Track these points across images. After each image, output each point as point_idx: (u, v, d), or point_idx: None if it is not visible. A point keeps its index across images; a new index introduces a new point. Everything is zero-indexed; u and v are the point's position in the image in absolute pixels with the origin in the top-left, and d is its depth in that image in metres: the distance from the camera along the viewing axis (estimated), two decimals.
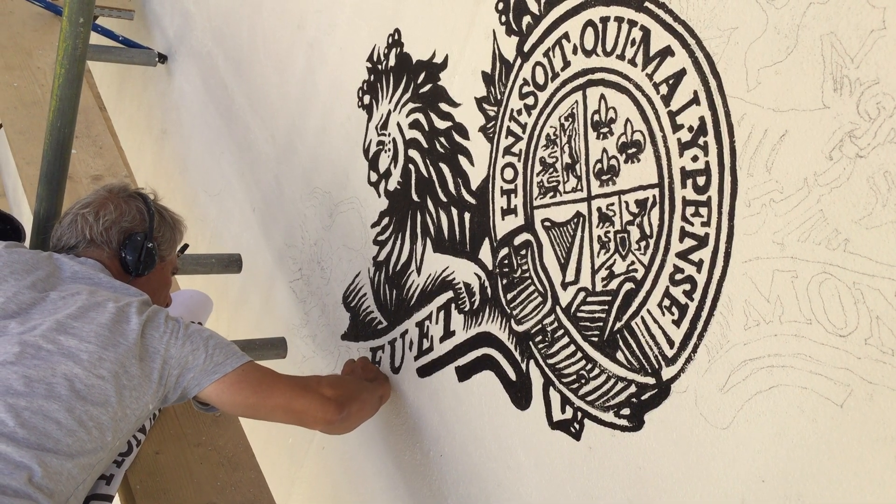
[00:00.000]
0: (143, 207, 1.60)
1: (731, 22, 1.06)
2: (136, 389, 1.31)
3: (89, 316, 1.32)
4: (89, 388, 1.26)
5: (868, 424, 0.90)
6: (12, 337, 1.28)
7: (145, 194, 1.65)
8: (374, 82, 1.84)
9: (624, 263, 1.22)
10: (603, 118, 1.26)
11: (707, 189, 1.09)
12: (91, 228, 1.53)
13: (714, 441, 1.08)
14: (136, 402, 1.31)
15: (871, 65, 0.90)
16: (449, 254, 1.61)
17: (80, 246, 1.53)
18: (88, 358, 1.27)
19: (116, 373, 1.29)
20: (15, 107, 2.59)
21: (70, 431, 1.22)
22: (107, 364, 1.28)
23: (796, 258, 0.98)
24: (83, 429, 1.24)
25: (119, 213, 1.56)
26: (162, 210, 1.66)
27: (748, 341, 1.04)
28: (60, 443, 1.21)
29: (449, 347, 1.60)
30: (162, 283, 1.65)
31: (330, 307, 2.03)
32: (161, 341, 1.35)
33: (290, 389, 1.45)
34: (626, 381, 1.22)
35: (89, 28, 1.61)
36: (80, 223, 1.54)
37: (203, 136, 2.78)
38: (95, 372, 1.27)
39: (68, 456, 1.21)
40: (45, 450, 1.19)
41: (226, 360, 1.40)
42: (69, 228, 1.55)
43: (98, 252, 1.52)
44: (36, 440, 1.19)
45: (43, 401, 1.22)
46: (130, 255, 1.53)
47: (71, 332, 1.29)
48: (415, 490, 1.72)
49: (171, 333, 1.37)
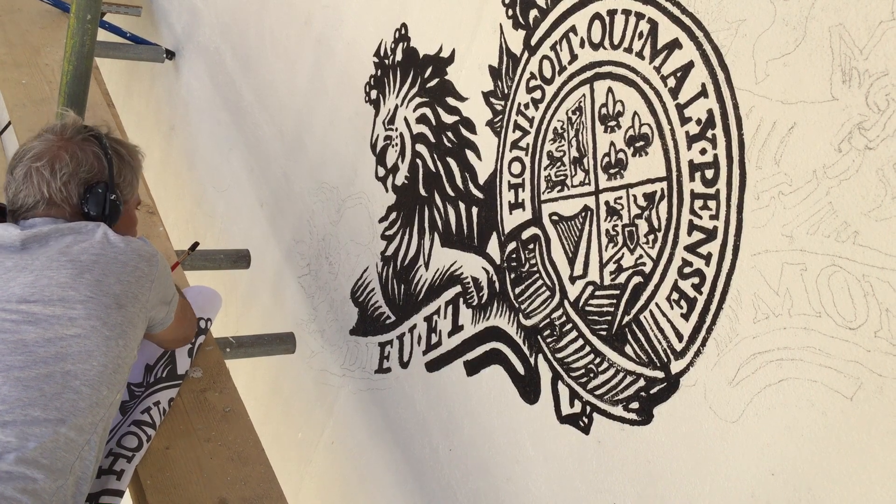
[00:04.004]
0: (101, 151, 1.46)
1: (738, 14, 1.06)
2: (122, 337, 1.29)
3: (47, 277, 1.26)
4: (68, 349, 1.22)
5: (878, 417, 0.90)
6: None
7: (99, 133, 1.50)
8: (381, 77, 1.84)
9: (632, 257, 1.22)
10: (610, 111, 1.25)
11: (715, 182, 1.09)
12: (49, 185, 1.40)
13: (723, 434, 1.08)
14: (126, 347, 1.30)
15: (880, 56, 0.90)
16: (457, 248, 1.61)
17: (39, 206, 1.41)
18: (57, 322, 1.23)
19: (93, 327, 1.25)
20: (23, 104, 2.59)
21: (55, 395, 1.18)
22: (80, 321, 1.24)
23: (805, 251, 0.98)
24: (69, 389, 1.20)
25: (76, 163, 1.43)
26: (118, 148, 1.51)
27: (757, 334, 1.03)
28: (47, 408, 1.17)
29: (457, 342, 1.60)
30: (129, 226, 1.57)
31: (338, 302, 2.03)
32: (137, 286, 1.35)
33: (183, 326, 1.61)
34: (635, 374, 1.21)
35: (97, 25, 1.62)
36: (35, 179, 1.41)
37: (211, 132, 2.78)
38: (69, 332, 1.23)
39: (59, 421, 1.17)
40: (30, 421, 1.15)
41: (171, 309, 1.50)
42: (24, 184, 1.42)
43: (59, 211, 1.41)
44: (21, 415, 1.15)
45: (18, 372, 1.18)
46: (94, 209, 1.43)
47: (32, 300, 1.24)
48: (424, 484, 1.72)
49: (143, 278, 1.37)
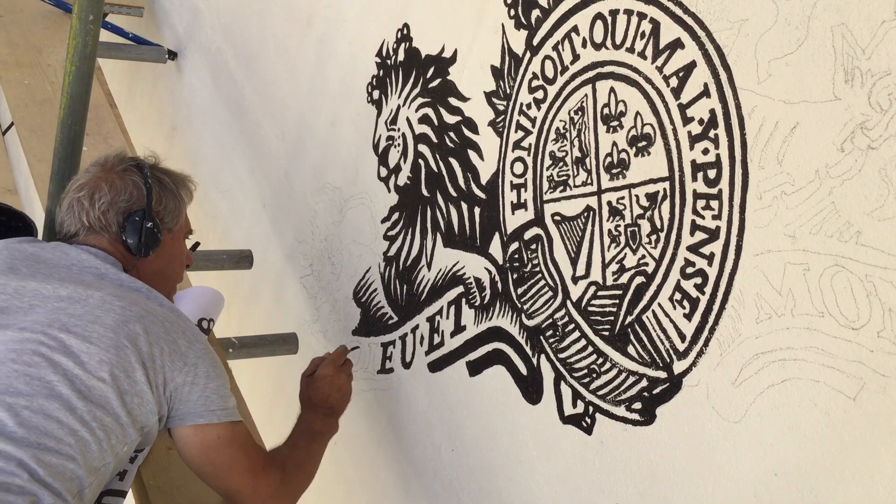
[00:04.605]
0: (140, 180, 1.49)
1: (740, 14, 1.05)
2: (138, 396, 1.26)
3: (94, 315, 1.28)
4: (90, 390, 1.22)
5: (881, 417, 0.90)
6: (13, 334, 1.24)
7: (142, 163, 1.54)
8: (383, 77, 1.84)
9: (635, 257, 1.22)
10: (613, 111, 1.25)
11: (718, 182, 1.08)
12: (88, 214, 1.45)
13: (726, 435, 1.08)
14: (140, 408, 1.27)
15: (883, 56, 0.90)
16: (459, 248, 1.61)
17: (80, 234, 1.46)
18: (88, 359, 1.23)
19: (116, 376, 1.24)
20: (26, 104, 2.60)
21: (71, 430, 1.19)
22: (106, 367, 1.24)
23: (808, 251, 0.97)
24: (85, 428, 1.20)
25: (114, 192, 1.46)
26: (161, 177, 1.54)
27: (760, 335, 1.03)
28: (62, 442, 1.17)
29: (460, 342, 1.60)
30: (172, 255, 1.56)
31: (340, 303, 2.03)
32: (163, 356, 1.30)
33: (243, 479, 1.38)
34: (638, 375, 1.21)
35: (99, 25, 1.62)
36: (76, 208, 1.46)
37: (213, 132, 2.78)
38: (96, 374, 1.23)
39: (69, 457, 1.18)
40: (45, 449, 1.15)
41: (217, 409, 1.35)
42: (68, 214, 1.47)
43: (98, 238, 1.45)
44: (35, 439, 1.15)
45: (43, 400, 1.18)
46: (131, 238, 1.45)
47: (73, 331, 1.25)
48: (427, 485, 1.72)
49: (174, 354, 1.31)
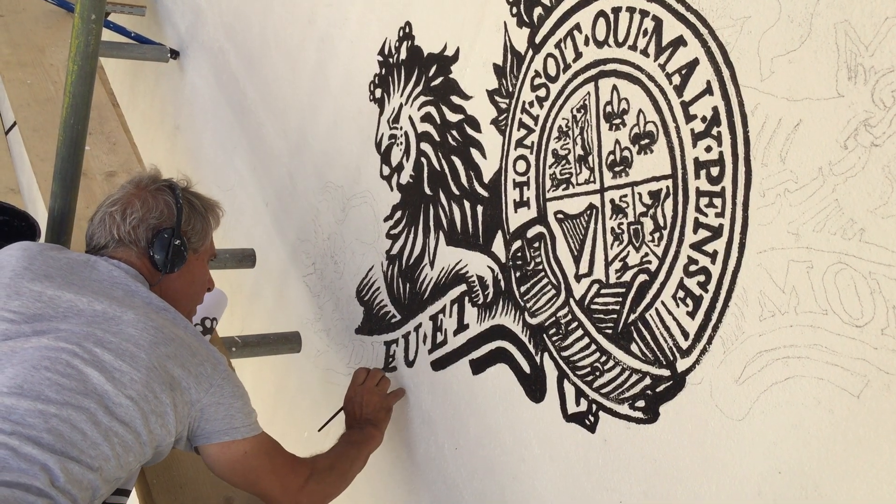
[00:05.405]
0: (172, 200, 1.57)
1: (743, 11, 1.05)
2: (161, 416, 1.31)
3: (128, 333, 1.32)
4: (117, 406, 1.26)
5: (885, 415, 0.90)
6: (48, 341, 1.28)
7: (175, 184, 1.62)
8: (385, 76, 1.84)
9: (638, 255, 1.21)
10: (615, 109, 1.25)
11: (721, 179, 1.08)
12: (119, 228, 1.52)
13: (730, 433, 1.08)
14: (161, 428, 1.31)
15: (886, 53, 0.90)
16: (462, 247, 1.61)
17: (109, 246, 1.53)
18: (120, 377, 1.27)
19: (145, 395, 1.29)
20: (28, 104, 2.60)
21: (94, 444, 1.23)
22: (136, 385, 1.28)
23: (811, 248, 0.97)
24: (107, 443, 1.24)
25: (146, 209, 1.54)
26: (192, 199, 1.62)
27: (763, 332, 1.03)
28: (84, 453, 1.21)
29: (463, 341, 1.60)
30: (195, 276, 1.62)
31: (343, 301, 2.04)
32: (188, 379, 1.35)
33: (272, 482, 1.46)
34: (641, 373, 1.21)
35: (101, 25, 1.61)
36: (108, 222, 1.53)
37: (215, 131, 2.78)
38: (125, 392, 1.27)
39: (90, 468, 1.22)
40: (69, 457, 1.20)
41: (241, 426, 1.41)
42: (99, 227, 1.54)
43: (127, 252, 1.52)
44: (61, 447, 1.19)
45: (72, 410, 1.22)
46: (158, 253, 1.52)
47: (108, 347, 1.29)
48: (430, 483, 1.72)
49: (200, 377, 1.37)
